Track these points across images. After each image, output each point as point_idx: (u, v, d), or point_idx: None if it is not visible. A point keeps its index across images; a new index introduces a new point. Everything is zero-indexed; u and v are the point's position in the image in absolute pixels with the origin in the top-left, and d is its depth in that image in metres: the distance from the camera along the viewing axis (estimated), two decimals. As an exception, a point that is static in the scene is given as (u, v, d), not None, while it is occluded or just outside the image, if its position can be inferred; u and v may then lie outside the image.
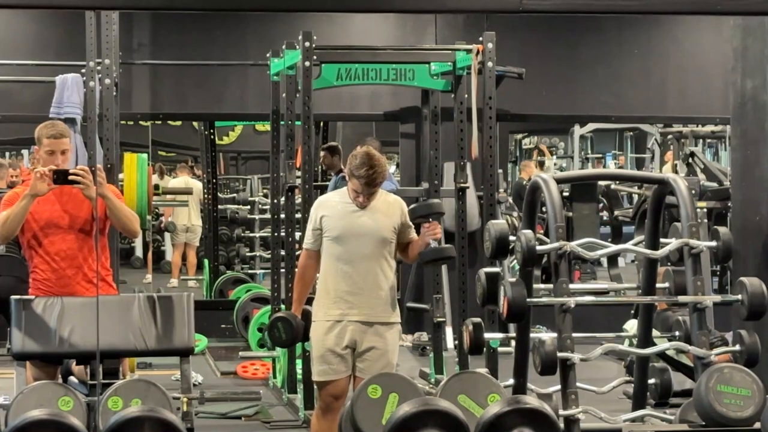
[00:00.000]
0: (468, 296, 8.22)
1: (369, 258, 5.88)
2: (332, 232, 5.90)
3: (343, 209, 5.93)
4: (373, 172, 5.81)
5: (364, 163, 5.82)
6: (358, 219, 5.90)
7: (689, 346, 5.04)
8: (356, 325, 5.87)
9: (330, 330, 5.89)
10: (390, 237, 5.93)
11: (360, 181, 5.84)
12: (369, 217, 5.91)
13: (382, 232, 5.91)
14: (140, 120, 11.83)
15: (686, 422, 4.82)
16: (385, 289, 5.91)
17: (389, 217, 5.94)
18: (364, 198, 5.88)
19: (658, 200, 5.46)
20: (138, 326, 5.83)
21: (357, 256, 5.87)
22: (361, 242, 5.88)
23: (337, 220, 5.90)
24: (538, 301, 5.10)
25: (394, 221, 5.95)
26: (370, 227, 5.89)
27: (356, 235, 5.88)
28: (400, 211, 6.00)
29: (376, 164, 5.82)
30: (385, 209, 5.96)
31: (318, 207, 6.04)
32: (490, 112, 8.21)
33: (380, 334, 5.90)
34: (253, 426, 7.82)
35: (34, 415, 4.28)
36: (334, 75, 8.22)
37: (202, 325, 7.13)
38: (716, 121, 12.53)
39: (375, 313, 5.89)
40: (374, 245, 5.89)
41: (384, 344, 5.91)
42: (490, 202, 8.29)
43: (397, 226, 5.96)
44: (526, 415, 4.35)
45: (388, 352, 5.93)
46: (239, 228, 14.26)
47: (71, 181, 5.77)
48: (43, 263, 5.99)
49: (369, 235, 5.89)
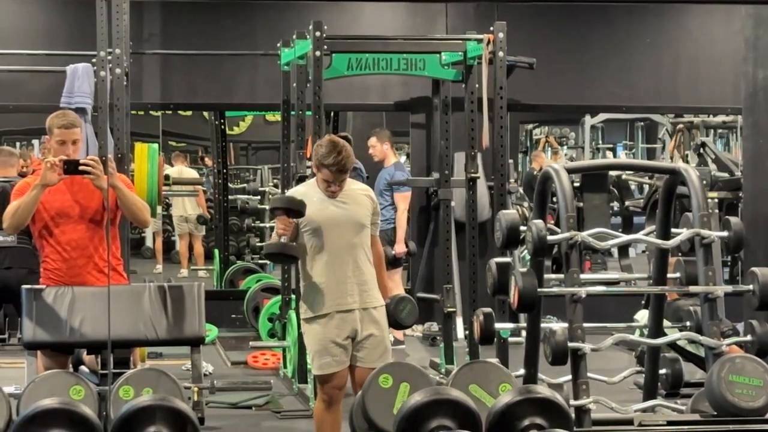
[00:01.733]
0: (478, 286, 8.22)
1: (350, 245, 5.87)
2: (310, 225, 5.87)
3: (317, 201, 5.89)
4: (342, 158, 5.80)
5: (331, 151, 5.81)
6: (332, 208, 5.88)
7: (700, 337, 5.03)
8: (352, 314, 5.87)
9: (328, 322, 5.87)
10: (366, 222, 5.94)
11: (330, 169, 5.82)
12: (342, 206, 5.90)
13: (358, 218, 5.90)
14: (151, 110, 11.86)
15: (698, 412, 4.81)
16: (368, 274, 5.92)
17: (361, 204, 5.94)
18: (335, 186, 5.86)
19: (669, 190, 5.44)
20: (149, 316, 5.84)
21: (338, 245, 5.86)
22: (340, 231, 5.86)
23: (312, 212, 5.86)
24: (549, 291, 5.09)
25: (366, 207, 5.95)
26: (346, 216, 5.88)
27: (334, 225, 5.86)
28: (369, 198, 6.01)
29: (343, 150, 5.82)
30: (356, 197, 5.95)
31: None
32: (501, 102, 8.21)
33: (376, 319, 5.91)
34: (263, 416, 7.83)
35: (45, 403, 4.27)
36: (344, 65, 8.22)
37: (212, 315, 7.14)
38: (727, 111, 12.52)
39: (365, 299, 5.90)
40: (353, 232, 5.89)
41: (380, 330, 5.92)
42: (500, 192, 8.29)
43: (370, 212, 5.97)
44: (537, 405, 4.34)
45: (384, 338, 5.96)
46: (249, 218, 14.27)
47: (82, 171, 5.77)
48: (54, 253, 6.00)
49: (346, 223, 5.88)
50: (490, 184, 8.85)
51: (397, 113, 11.64)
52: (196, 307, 5.90)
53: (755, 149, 7.67)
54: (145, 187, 8.34)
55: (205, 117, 15.16)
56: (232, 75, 11.01)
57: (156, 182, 8.43)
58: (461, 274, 9.44)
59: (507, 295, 5.15)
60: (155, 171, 8.42)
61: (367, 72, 8.39)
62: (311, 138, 8.11)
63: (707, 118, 14.91)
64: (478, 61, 8.36)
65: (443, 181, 8.88)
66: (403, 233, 10.22)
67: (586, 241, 4.98)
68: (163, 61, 10.86)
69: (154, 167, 8.42)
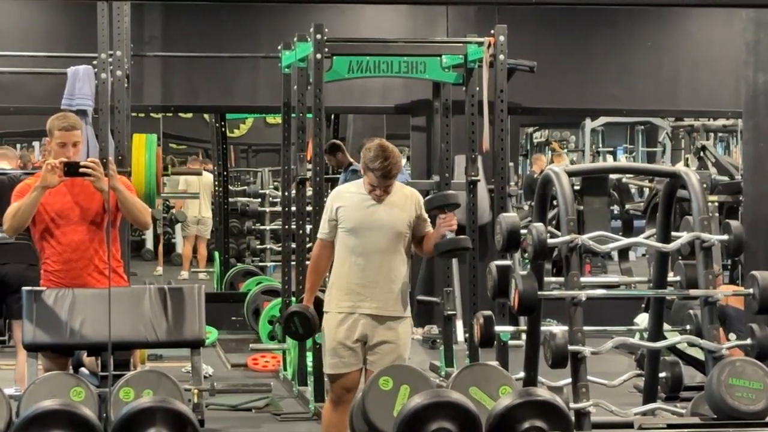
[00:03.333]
0: (479, 289, 8.23)
1: (383, 251, 5.86)
2: (347, 224, 5.87)
3: (359, 201, 5.89)
4: (388, 164, 5.76)
5: (378, 155, 5.77)
6: (373, 212, 5.86)
7: (700, 340, 5.03)
8: (367, 319, 5.85)
9: (341, 323, 5.87)
10: (405, 231, 5.90)
11: (375, 174, 5.79)
12: (385, 211, 5.87)
13: (397, 226, 5.88)
14: (151, 112, 11.84)
15: (698, 415, 4.81)
16: (397, 284, 5.89)
17: (405, 211, 5.90)
18: (380, 191, 5.84)
19: (669, 194, 5.45)
20: (149, 318, 5.84)
21: (371, 249, 5.85)
22: (375, 235, 5.85)
23: (352, 212, 5.87)
24: (549, 295, 5.09)
25: (409, 215, 5.92)
26: (385, 221, 5.86)
27: (371, 228, 5.85)
28: (416, 204, 5.96)
29: (391, 156, 5.77)
30: (402, 203, 5.92)
31: (334, 198, 6.01)
32: (502, 105, 8.23)
33: (392, 327, 5.88)
34: (263, 418, 7.83)
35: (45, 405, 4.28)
36: (345, 67, 8.22)
37: (212, 317, 7.13)
38: (728, 114, 12.53)
39: (386, 307, 5.87)
40: (389, 239, 5.86)
41: (396, 338, 5.89)
42: (501, 195, 8.29)
43: (413, 220, 5.93)
44: (537, 408, 4.34)
45: (400, 346, 5.91)
46: (250, 220, 14.26)
47: (82, 173, 5.78)
48: (55, 254, 6.00)
49: (384, 228, 5.86)
50: (491, 187, 8.86)
51: (397, 116, 11.63)
52: (196, 309, 5.90)
53: (755, 153, 7.67)
54: (143, 178, 8.23)
55: (206, 119, 15.16)
56: (233, 77, 11.01)
57: (154, 173, 8.33)
58: (461, 277, 9.44)
59: (507, 298, 5.15)
60: (153, 161, 8.33)
61: (368, 75, 8.39)
62: (312, 140, 8.12)
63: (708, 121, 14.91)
64: (478, 64, 8.37)
65: (444, 184, 8.89)
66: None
67: (586, 245, 4.98)
68: (163, 63, 10.87)
69: (152, 157, 8.33)
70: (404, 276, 5.93)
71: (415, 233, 5.98)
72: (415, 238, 6.00)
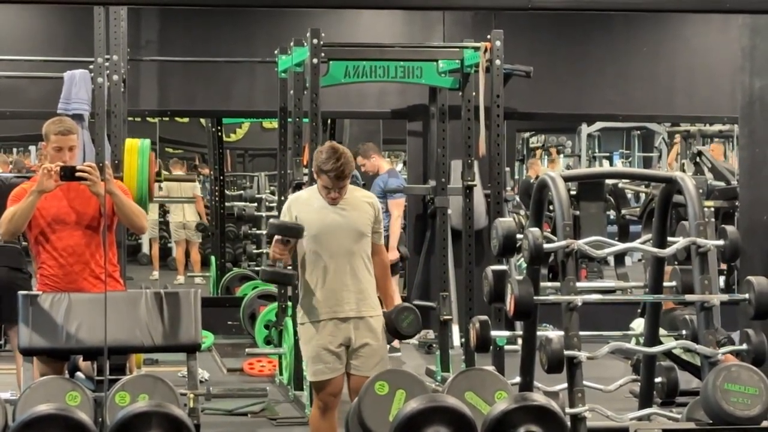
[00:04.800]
0: (475, 294, 8.22)
1: (348, 253, 5.87)
2: (309, 230, 5.88)
3: (316, 206, 5.90)
4: (341, 164, 5.78)
5: (330, 156, 5.79)
6: (332, 215, 5.88)
7: (696, 345, 5.03)
8: (347, 322, 5.87)
9: (322, 329, 5.87)
10: (366, 231, 5.93)
11: (329, 175, 5.80)
12: (342, 213, 5.89)
13: (357, 226, 5.90)
14: (148, 116, 11.86)
15: (693, 420, 4.81)
16: (367, 283, 5.92)
17: (362, 212, 5.93)
18: (334, 193, 5.86)
19: (665, 199, 5.45)
20: (145, 322, 5.84)
21: (336, 252, 5.86)
22: (338, 238, 5.86)
23: (312, 217, 5.88)
24: (545, 299, 5.09)
25: (368, 214, 5.94)
26: (344, 222, 5.88)
27: (333, 232, 5.86)
28: (372, 205, 6.00)
29: (343, 156, 5.79)
30: (357, 204, 5.95)
31: (291, 204, 6.02)
32: (498, 110, 8.22)
33: (372, 328, 5.90)
34: (259, 423, 7.82)
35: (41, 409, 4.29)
36: (341, 72, 8.22)
37: (208, 321, 7.14)
38: (724, 120, 12.53)
39: (361, 308, 5.89)
40: (352, 240, 5.88)
41: (377, 339, 5.91)
42: (497, 200, 8.29)
43: (372, 220, 5.95)
44: (533, 413, 4.35)
45: (381, 347, 5.94)
46: (246, 225, 14.25)
47: (78, 178, 5.78)
48: (51, 259, 6.00)
49: (345, 230, 5.88)
50: (487, 192, 8.86)
51: (394, 121, 11.64)
52: (192, 313, 5.90)
53: (751, 158, 7.67)
54: (135, 182, 8.20)
55: (202, 124, 15.15)
56: (230, 82, 11.01)
57: (146, 177, 8.28)
58: (457, 282, 9.43)
59: (503, 303, 5.15)
60: (145, 165, 8.29)
61: (364, 79, 8.39)
62: (308, 145, 8.12)
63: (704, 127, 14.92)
64: (475, 69, 8.37)
65: (440, 188, 8.89)
66: (395, 240, 10.22)
67: (582, 250, 4.98)
68: (160, 67, 10.86)
69: (144, 161, 8.29)
70: (371, 275, 5.95)
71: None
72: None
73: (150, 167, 8.28)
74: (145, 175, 8.23)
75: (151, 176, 8.32)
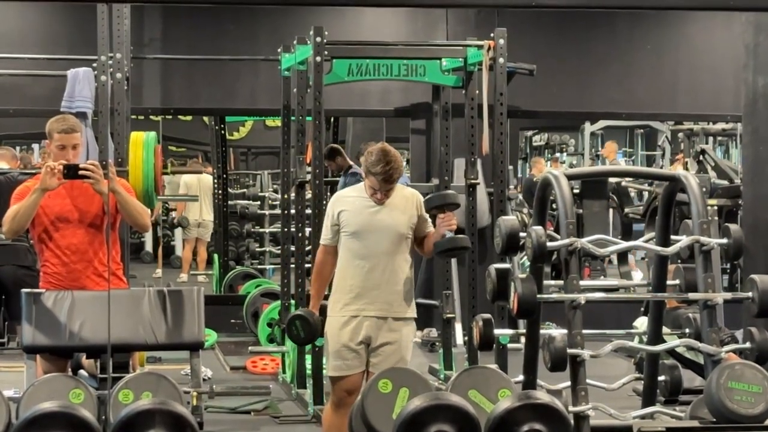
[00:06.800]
0: (478, 292, 8.22)
1: (386, 254, 5.87)
2: (349, 228, 5.89)
3: (360, 205, 5.90)
4: (390, 168, 5.78)
5: (380, 159, 5.79)
6: (375, 215, 5.88)
7: (699, 344, 5.03)
8: (371, 321, 5.86)
9: (345, 325, 5.88)
10: (407, 233, 5.92)
11: (377, 178, 5.81)
12: (386, 214, 5.88)
13: (398, 228, 5.89)
14: (151, 115, 11.83)
15: (697, 419, 4.81)
16: (401, 285, 5.90)
17: (406, 213, 5.92)
18: (381, 194, 5.86)
19: (668, 197, 5.45)
20: (148, 320, 5.83)
21: (374, 252, 5.86)
22: (378, 238, 5.86)
23: (354, 216, 5.88)
24: (549, 298, 5.09)
25: (410, 216, 5.93)
26: (387, 224, 5.87)
27: (373, 232, 5.86)
28: (416, 205, 5.98)
29: (392, 160, 5.79)
30: (403, 205, 5.93)
31: (335, 202, 6.02)
32: (501, 108, 8.22)
33: (395, 329, 5.89)
34: (262, 421, 7.83)
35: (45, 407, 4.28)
36: (345, 70, 8.22)
37: (211, 319, 7.13)
38: (727, 118, 12.53)
39: (391, 309, 5.88)
40: (391, 241, 5.88)
41: (398, 340, 5.89)
42: (500, 199, 8.30)
43: (414, 221, 5.94)
44: (537, 411, 4.34)
45: (402, 348, 5.92)
46: (249, 223, 14.26)
47: (82, 176, 5.78)
48: (54, 257, 6.00)
49: (386, 231, 5.87)
50: (490, 190, 8.86)
51: (397, 119, 11.64)
52: (195, 311, 5.90)
53: (755, 156, 7.67)
54: (140, 175, 8.16)
55: (206, 122, 15.16)
56: (233, 80, 11.01)
57: (152, 169, 8.22)
58: (461, 280, 9.44)
59: (506, 301, 5.15)
60: (151, 158, 8.24)
61: (368, 78, 8.39)
62: (311, 143, 8.12)
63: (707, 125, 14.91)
64: (478, 68, 8.37)
65: (443, 187, 8.88)
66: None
67: (585, 248, 4.98)
68: (163, 65, 10.87)
69: (149, 154, 8.25)
70: (408, 277, 5.94)
71: (417, 233, 5.99)
72: (417, 238, 6.02)
73: (156, 160, 8.24)
74: (151, 167, 8.18)
75: (158, 169, 8.28)
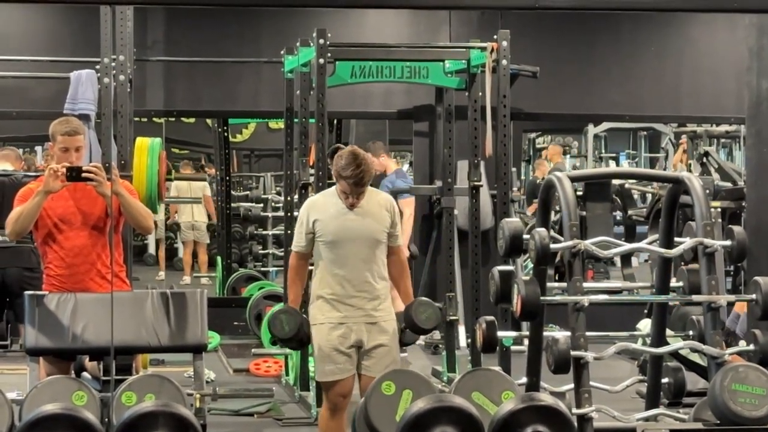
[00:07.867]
0: (481, 294, 8.22)
1: (364, 260, 5.86)
2: (326, 237, 5.87)
3: (335, 211, 5.88)
4: (360, 171, 5.75)
5: (350, 162, 5.77)
6: (350, 222, 5.86)
7: (703, 346, 5.03)
8: (360, 325, 5.85)
9: (334, 330, 5.86)
10: (382, 238, 5.90)
11: (348, 182, 5.78)
12: (360, 220, 5.87)
13: (374, 234, 5.88)
14: (154, 117, 11.85)
15: (700, 421, 4.81)
16: (380, 289, 5.90)
17: (381, 218, 5.91)
18: (353, 198, 5.84)
19: (672, 199, 5.45)
20: (151, 323, 5.83)
21: (351, 259, 5.85)
22: (355, 247, 5.85)
23: (329, 224, 5.86)
24: (552, 300, 5.09)
25: (384, 222, 5.92)
26: (362, 230, 5.86)
27: (350, 240, 5.84)
28: (390, 210, 5.97)
29: (363, 163, 5.77)
30: (377, 210, 5.92)
31: (309, 209, 5.98)
32: (504, 110, 8.22)
33: (384, 330, 5.89)
34: (265, 423, 7.82)
35: (48, 409, 4.28)
36: (348, 72, 8.22)
37: (214, 322, 7.14)
38: (731, 120, 12.50)
39: (375, 312, 5.87)
40: (368, 248, 5.86)
41: (389, 341, 5.89)
42: (503, 201, 8.29)
43: (388, 226, 5.94)
44: (540, 413, 4.34)
45: (393, 348, 5.92)
46: (252, 225, 14.27)
47: (85, 178, 5.78)
48: (57, 259, 6.00)
49: (362, 239, 5.85)
50: (493, 192, 8.86)
51: (400, 121, 11.63)
52: (198, 314, 5.90)
53: (758, 159, 7.66)
54: (144, 180, 8.16)
55: (209, 124, 15.17)
56: (236, 82, 11.00)
57: (155, 175, 8.24)
58: (464, 282, 9.43)
59: (510, 304, 5.15)
60: (155, 164, 8.25)
61: (371, 80, 8.39)
62: (314, 145, 8.11)
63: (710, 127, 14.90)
64: (481, 70, 8.37)
65: (446, 189, 8.88)
66: (406, 239, 10.20)
67: (588, 250, 4.98)
68: (166, 68, 10.86)
69: (153, 160, 8.26)
70: (386, 279, 5.94)
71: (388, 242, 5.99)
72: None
73: (160, 166, 8.25)
74: (155, 173, 8.21)
75: (161, 175, 8.30)
